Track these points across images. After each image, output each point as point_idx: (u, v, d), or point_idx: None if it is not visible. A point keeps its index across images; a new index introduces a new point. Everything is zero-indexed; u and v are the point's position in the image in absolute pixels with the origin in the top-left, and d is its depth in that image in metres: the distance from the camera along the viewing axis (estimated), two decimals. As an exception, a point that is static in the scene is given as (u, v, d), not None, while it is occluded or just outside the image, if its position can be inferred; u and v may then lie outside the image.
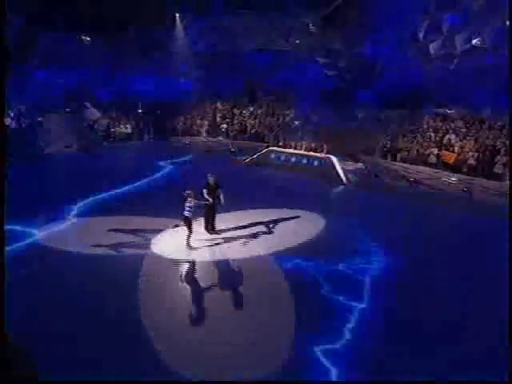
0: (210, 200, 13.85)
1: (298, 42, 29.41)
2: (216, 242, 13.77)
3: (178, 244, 13.28)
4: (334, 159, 22.14)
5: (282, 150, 24.10)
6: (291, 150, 23.82)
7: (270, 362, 8.56)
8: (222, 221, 14.71)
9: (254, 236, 14.25)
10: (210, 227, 14.29)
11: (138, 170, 21.72)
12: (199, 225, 14.08)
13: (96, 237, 13.73)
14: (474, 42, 23.87)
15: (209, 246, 13.47)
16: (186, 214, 12.87)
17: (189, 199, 12.91)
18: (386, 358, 8.77)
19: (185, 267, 12.27)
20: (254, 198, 17.88)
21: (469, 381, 8.14)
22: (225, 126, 32.54)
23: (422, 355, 8.86)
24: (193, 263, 12.45)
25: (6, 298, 7.57)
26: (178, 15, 31.56)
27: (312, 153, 23.08)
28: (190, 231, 13.04)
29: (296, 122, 28.70)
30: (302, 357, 8.73)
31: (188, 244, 13.10)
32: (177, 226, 13.97)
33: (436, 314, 10.28)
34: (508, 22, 22.21)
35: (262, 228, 14.90)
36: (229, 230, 14.61)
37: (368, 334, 9.47)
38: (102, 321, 9.72)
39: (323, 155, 22.53)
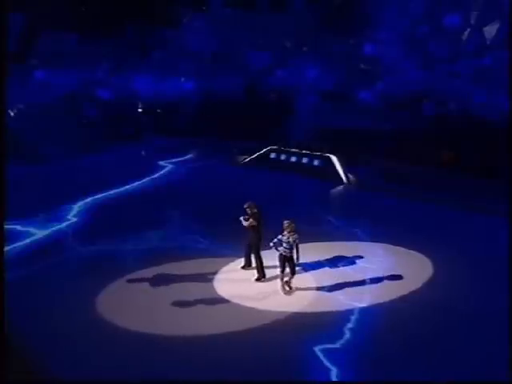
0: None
1: (298, 42, 29.33)
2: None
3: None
4: (334, 159, 22.13)
5: (282, 149, 24.08)
6: (291, 150, 23.79)
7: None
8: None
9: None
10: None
11: (138, 170, 21.69)
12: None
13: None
14: (473, 41, 23.86)
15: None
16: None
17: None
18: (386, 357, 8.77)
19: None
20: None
21: (469, 381, 8.13)
22: (225, 125, 32.42)
23: (423, 355, 8.87)
24: None
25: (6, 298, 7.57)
26: (178, 15, 31.47)
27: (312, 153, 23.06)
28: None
29: (296, 122, 28.61)
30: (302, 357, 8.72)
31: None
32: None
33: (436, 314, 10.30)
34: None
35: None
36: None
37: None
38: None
39: (323, 155, 22.52)
